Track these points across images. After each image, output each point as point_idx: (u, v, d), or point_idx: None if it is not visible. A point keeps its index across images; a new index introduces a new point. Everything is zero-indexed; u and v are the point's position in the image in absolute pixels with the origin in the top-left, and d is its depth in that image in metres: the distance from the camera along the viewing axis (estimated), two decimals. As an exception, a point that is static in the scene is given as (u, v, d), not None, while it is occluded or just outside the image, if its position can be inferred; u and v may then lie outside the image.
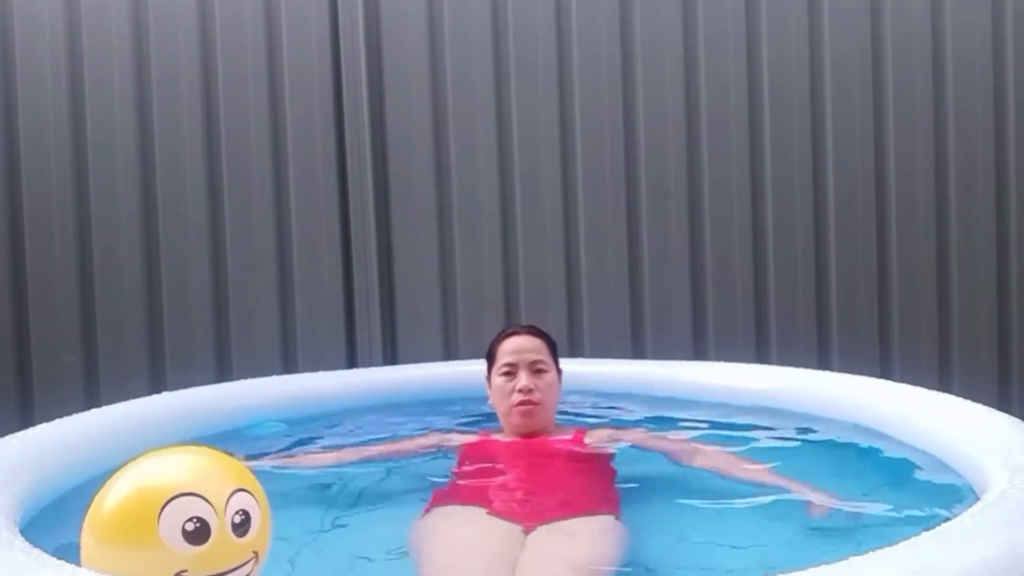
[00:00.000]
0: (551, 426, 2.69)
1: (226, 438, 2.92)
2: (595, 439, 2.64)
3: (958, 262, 4.09)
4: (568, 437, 2.65)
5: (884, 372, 3.93)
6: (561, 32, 3.99)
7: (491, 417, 2.80)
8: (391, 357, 3.97)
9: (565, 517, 2.15)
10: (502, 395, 2.61)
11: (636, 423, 2.96)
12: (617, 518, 2.17)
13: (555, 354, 2.71)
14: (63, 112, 3.86)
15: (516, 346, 2.64)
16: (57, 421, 2.53)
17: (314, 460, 2.67)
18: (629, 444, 2.63)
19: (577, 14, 3.98)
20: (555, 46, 3.99)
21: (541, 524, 2.10)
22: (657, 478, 2.50)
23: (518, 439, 2.62)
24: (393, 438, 2.84)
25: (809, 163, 4.05)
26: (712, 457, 2.53)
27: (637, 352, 4.00)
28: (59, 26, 3.85)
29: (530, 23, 3.98)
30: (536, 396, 2.58)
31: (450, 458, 2.64)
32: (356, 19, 3.92)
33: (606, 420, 3.04)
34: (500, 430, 2.71)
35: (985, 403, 2.44)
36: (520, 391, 2.57)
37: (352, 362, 3.96)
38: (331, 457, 2.68)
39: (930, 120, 4.06)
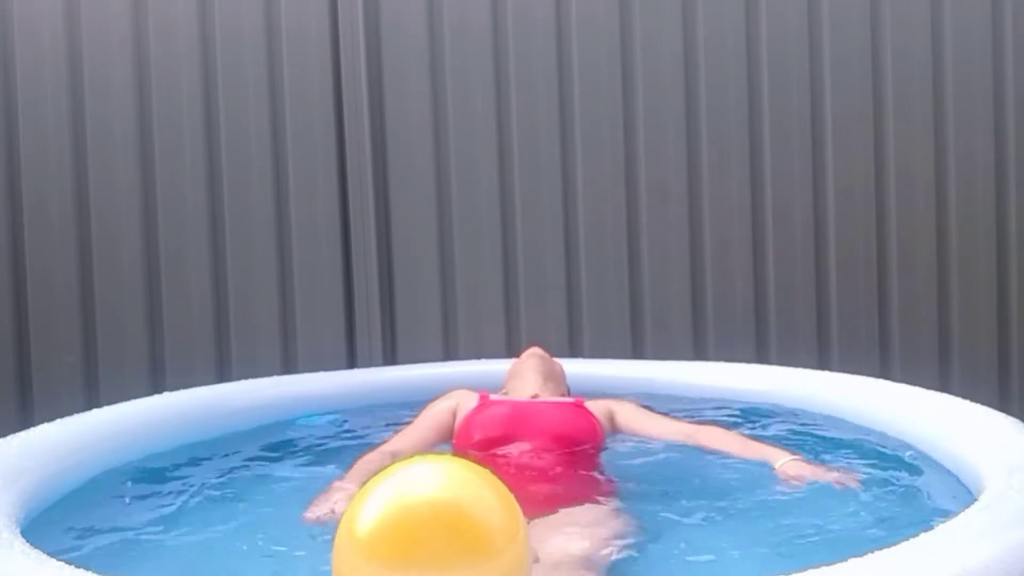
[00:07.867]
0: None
1: (282, 429, 2.99)
2: (593, 407, 2.75)
3: (958, 262, 4.08)
4: (571, 400, 2.77)
5: (884, 372, 3.93)
6: (561, 32, 3.99)
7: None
8: (391, 357, 3.97)
9: (557, 509, 2.15)
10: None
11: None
12: (613, 506, 2.22)
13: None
14: (63, 113, 3.86)
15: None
16: (57, 421, 2.53)
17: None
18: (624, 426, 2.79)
19: (577, 14, 3.98)
20: (555, 46, 3.99)
21: (532, 519, 2.09)
22: (652, 466, 2.59)
23: (519, 401, 2.71)
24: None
25: (809, 163, 4.04)
26: (714, 437, 2.64)
27: (637, 352, 4.00)
28: (59, 27, 3.84)
29: (530, 24, 3.97)
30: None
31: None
32: (356, 19, 3.92)
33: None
34: (498, 391, 2.83)
35: (985, 403, 2.45)
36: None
37: (352, 362, 3.95)
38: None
39: (929, 118, 4.06)
